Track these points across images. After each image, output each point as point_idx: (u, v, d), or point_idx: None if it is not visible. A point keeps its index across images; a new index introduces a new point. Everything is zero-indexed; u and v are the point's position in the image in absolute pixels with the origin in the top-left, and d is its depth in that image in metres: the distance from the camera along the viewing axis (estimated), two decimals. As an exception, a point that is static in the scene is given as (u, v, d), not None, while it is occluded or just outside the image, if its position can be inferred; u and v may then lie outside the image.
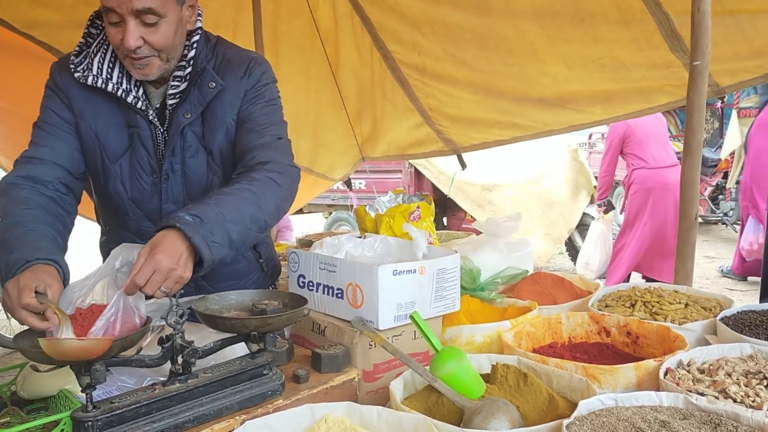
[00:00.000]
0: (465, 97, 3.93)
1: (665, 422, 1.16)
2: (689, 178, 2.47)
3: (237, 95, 1.79)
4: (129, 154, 1.76)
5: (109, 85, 1.69)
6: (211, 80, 1.75)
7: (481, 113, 4.04)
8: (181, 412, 1.24)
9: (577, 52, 3.21)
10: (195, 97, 1.74)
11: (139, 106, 1.73)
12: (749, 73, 3.03)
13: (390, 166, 8.12)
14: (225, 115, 1.78)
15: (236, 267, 1.95)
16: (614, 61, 3.17)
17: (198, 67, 1.74)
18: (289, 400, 1.37)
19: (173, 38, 1.65)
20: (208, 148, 1.79)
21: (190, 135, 1.77)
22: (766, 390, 1.31)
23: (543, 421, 1.26)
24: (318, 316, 1.73)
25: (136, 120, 1.74)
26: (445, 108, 4.18)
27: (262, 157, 1.72)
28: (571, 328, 1.84)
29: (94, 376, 1.15)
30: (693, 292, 2.06)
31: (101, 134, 1.74)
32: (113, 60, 1.71)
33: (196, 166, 1.79)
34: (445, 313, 1.75)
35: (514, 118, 3.97)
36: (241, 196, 1.57)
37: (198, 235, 1.38)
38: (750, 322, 1.70)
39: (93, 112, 1.73)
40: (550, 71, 3.41)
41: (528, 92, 3.64)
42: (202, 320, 1.39)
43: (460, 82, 3.84)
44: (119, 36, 1.58)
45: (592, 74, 3.32)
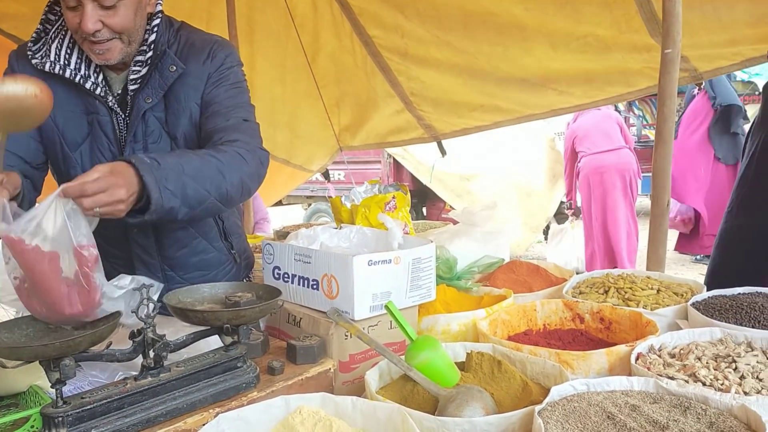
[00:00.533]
0: (448, 79, 3.92)
1: (635, 406, 1.17)
2: (661, 165, 2.50)
3: (200, 79, 1.77)
4: (89, 142, 1.73)
5: (66, 71, 1.66)
6: (171, 64, 1.73)
7: (464, 96, 4.04)
8: (154, 406, 1.23)
9: (562, 30, 3.23)
10: (156, 82, 1.73)
11: (98, 92, 1.70)
12: (726, 60, 3.08)
13: (368, 156, 8.12)
14: (188, 100, 1.77)
15: (205, 257, 1.92)
16: (597, 41, 3.19)
17: (158, 51, 1.71)
18: (264, 392, 1.37)
19: (133, 20, 1.63)
20: (172, 133, 1.77)
21: (153, 120, 1.75)
22: (735, 373, 1.33)
23: (517, 407, 1.26)
24: (293, 307, 1.72)
25: (96, 106, 1.72)
26: (427, 92, 4.17)
27: (229, 137, 1.70)
28: (545, 315, 1.86)
29: (64, 372, 1.13)
30: (665, 278, 2.09)
31: (60, 122, 1.71)
32: (71, 46, 1.69)
33: (159, 151, 1.75)
34: (420, 302, 1.76)
35: (497, 101, 3.98)
36: (206, 159, 1.57)
37: (151, 176, 1.38)
38: (720, 307, 1.73)
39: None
40: (535, 50, 3.42)
41: (512, 72, 3.65)
42: (174, 313, 1.38)
43: (444, 65, 3.83)
44: (77, 20, 1.55)
45: (575, 54, 3.34)
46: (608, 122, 6.26)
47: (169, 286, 1.76)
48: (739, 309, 1.68)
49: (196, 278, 1.88)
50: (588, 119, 6.29)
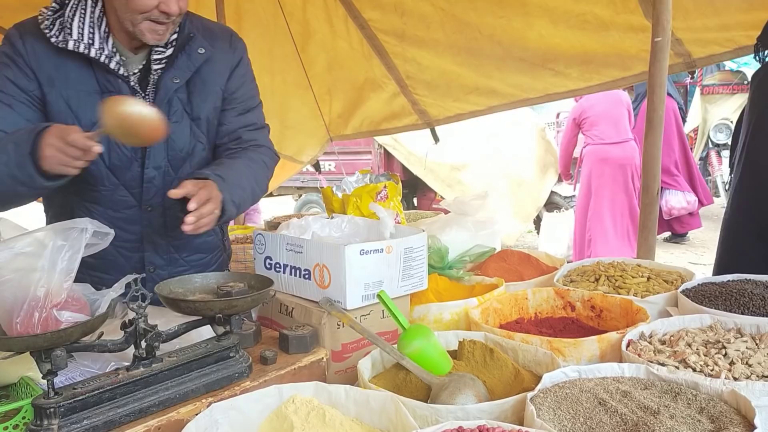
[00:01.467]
0: (446, 60, 3.90)
1: (627, 392, 1.18)
2: (651, 154, 2.51)
3: (225, 65, 1.84)
4: None
5: (91, 50, 1.64)
6: (200, 46, 1.76)
7: (460, 78, 4.02)
8: (146, 396, 1.23)
9: (562, 8, 3.22)
10: (183, 63, 1.74)
11: (121, 72, 1.69)
12: (720, 46, 3.08)
13: (359, 147, 8.10)
14: (214, 84, 1.82)
15: (207, 239, 1.96)
16: (596, 19, 3.18)
17: (185, 33, 1.74)
18: (257, 381, 1.37)
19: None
20: (194, 115, 1.80)
21: (176, 101, 1.77)
22: (725, 359, 1.34)
23: (509, 394, 1.27)
24: (285, 297, 1.72)
25: (117, 85, 1.69)
26: (423, 74, 4.14)
27: (257, 141, 1.90)
28: (537, 303, 1.86)
29: (55, 363, 1.13)
30: (655, 266, 2.10)
31: (73, 102, 1.68)
32: (92, 24, 1.66)
33: (180, 131, 1.77)
34: (413, 291, 1.76)
35: (493, 82, 3.96)
36: (248, 171, 1.77)
37: (227, 194, 1.61)
38: (710, 294, 1.74)
39: (64, 80, 1.66)
40: (536, 25, 3.41)
41: (511, 48, 3.63)
42: (166, 304, 1.37)
43: (443, 44, 3.81)
44: (155, 2, 1.57)
45: (573, 31, 3.33)
46: (619, 108, 6.19)
47: (173, 270, 1.83)
48: (729, 296, 1.70)
49: (196, 261, 1.93)
50: (601, 101, 6.16)
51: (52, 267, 1.18)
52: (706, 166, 9.15)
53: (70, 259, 1.20)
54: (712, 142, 8.85)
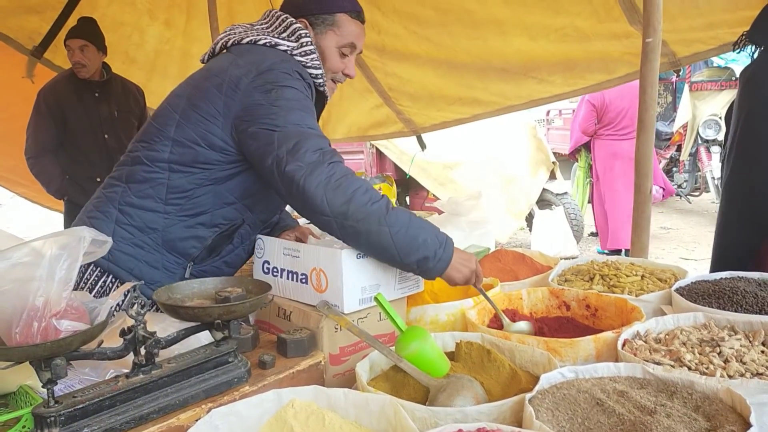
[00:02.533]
0: (427, 73, 3.92)
1: (623, 392, 1.20)
2: (643, 153, 2.53)
3: None
4: None
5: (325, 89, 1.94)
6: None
7: (443, 89, 4.04)
8: (146, 403, 1.23)
9: (540, 23, 3.23)
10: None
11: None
12: (704, 44, 3.10)
13: (352, 147, 8.08)
14: None
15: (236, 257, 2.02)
16: (576, 32, 3.20)
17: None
18: (256, 386, 1.37)
19: None
20: None
21: None
22: (719, 357, 1.36)
23: (507, 395, 1.28)
24: (283, 301, 1.72)
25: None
26: (405, 87, 4.17)
27: None
28: (532, 303, 1.88)
29: (55, 371, 1.13)
30: (649, 264, 2.12)
31: None
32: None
33: None
34: (409, 293, 1.77)
35: (476, 93, 3.98)
36: None
37: None
38: (703, 292, 1.76)
39: None
40: (514, 42, 3.43)
41: (492, 61, 3.65)
42: (164, 310, 1.37)
43: (422, 58, 3.83)
44: (343, 65, 1.92)
45: (555, 44, 3.36)
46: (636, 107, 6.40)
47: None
48: (722, 294, 1.72)
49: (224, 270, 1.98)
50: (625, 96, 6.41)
51: (51, 276, 1.18)
52: (696, 162, 9.20)
53: (69, 268, 1.19)
54: (702, 138, 8.89)
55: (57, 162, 3.99)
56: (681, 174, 9.53)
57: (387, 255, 1.60)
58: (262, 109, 1.67)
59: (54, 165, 3.98)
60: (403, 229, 1.57)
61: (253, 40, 1.80)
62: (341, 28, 1.86)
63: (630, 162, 6.30)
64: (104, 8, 3.99)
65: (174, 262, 1.83)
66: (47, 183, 4.07)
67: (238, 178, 1.79)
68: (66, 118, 3.93)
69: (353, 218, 1.55)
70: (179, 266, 1.84)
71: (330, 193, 1.55)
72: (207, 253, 1.86)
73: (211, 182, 1.77)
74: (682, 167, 9.48)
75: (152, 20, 4.06)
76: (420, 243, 1.59)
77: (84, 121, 3.97)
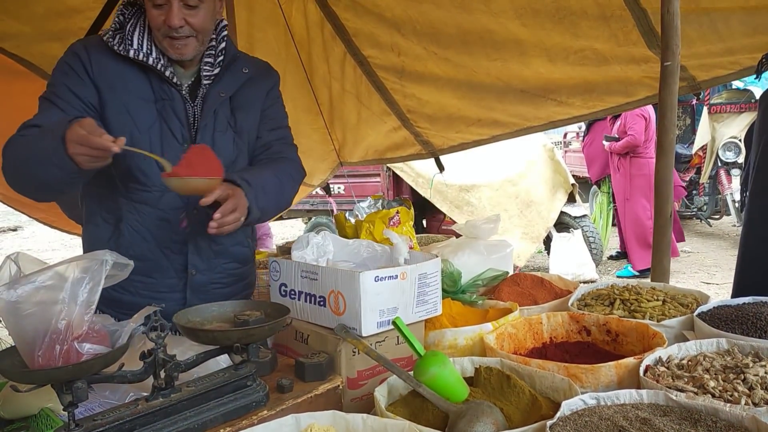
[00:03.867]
0: (446, 94, 3.93)
1: (646, 419, 1.18)
2: (663, 176, 2.52)
3: (264, 89, 2.04)
4: (158, 125, 1.86)
5: (149, 59, 1.83)
6: (244, 66, 1.97)
7: (462, 111, 4.05)
8: (165, 426, 1.23)
9: (560, 45, 3.24)
10: (229, 80, 1.94)
11: (175, 80, 1.87)
12: (724, 69, 3.09)
13: (368, 170, 8.11)
14: (256, 101, 2.01)
15: (242, 249, 2.08)
16: (595, 54, 3.21)
17: (230, 55, 1.94)
18: (274, 410, 1.37)
19: (210, 22, 1.84)
20: (237, 128, 1.97)
21: (221, 113, 1.94)
22: (744, 384, 1.34)
23: (527, 422, 1.27)
24: (301, 324, 1.72)
25: (170, 93, 1.87)
26: (424, 108, 4.18)
27: (286, 153, 2.05)
28: (552, 328, 1.86)
29: (76, 394, 1.14)
30: (670, 289, 2.10)
31: (131, 108, 1.84)
32: (150, 39, 1.84)
33: (224, 141, 1.94)
34: (427, 317, 1.76)
35: (495, 114, 3.98)
36: (275, 179, 1.90)
37: (252, 197, 1.73)
38: (726, 317, 1.74)
39: (123, 86, 1.84)
40: (533, 63, 3.44)
41: (511, 82, 3.66)
42: (184, 333, 1.38)
43: (442, 79, 3.85)
44: (162, 17, 1.75)
45: (573, 66, 3.36)
46: None
47: (212, 275, 1.97)
48: (745, 319, 1.69)
49: (233, 269, 2.04)
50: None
51: (73, 299, 1.19)
52: (716, 185, 9.12)
53: (91, 291, 1.21)
54: (721, 161, 8.82)
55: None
56: (701, 197, 9.45)
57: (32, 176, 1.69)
58: None
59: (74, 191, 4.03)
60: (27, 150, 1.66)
61: None
62: None
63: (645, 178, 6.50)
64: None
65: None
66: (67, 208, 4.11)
67: None
68: None
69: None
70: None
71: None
72: None
73: None
74: (702, 190, 9.40)
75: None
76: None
77: None
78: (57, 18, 3.39)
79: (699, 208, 9.48)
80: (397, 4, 3.47)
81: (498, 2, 3.13)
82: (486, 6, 3.17)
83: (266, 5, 3.87)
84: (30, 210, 5.67)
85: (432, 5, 3.35)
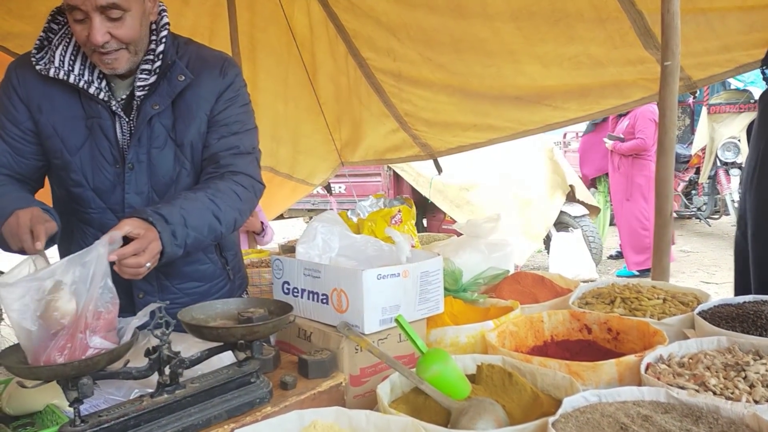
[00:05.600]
0: (441, 100, 3.96)
1: (647, 416, 1.19)
2: (663, 176, 2.53)
3: (212, 92, 1.83)
4: (89, 145, 1.77)
5: (70, 76, 1.71)
6: (180, 73, 1.78)
7: (458, 116, 4.07)
8: (170, 423, 1.24)
9: (554, 51, 3.25)
10: (164, 90, 1.77)
11: (101, 96, 1.74)
12: (720, 66, 3.10)
13: (369, 169, 8.13)
14: (199, 109, 1.82)
15: (200, 267, 1.94)
16: (590, 59, 3.22)
17: (168, 61, 1.76)
18: (278, 407, 1.38)
19: (139, 30, 1.68)
20: (179, 140, 1.81)
21: (159, 127, 1.79)
22: (745, 382, 1.34)
23: (528, 419, 1.28)
24: (304, 322, 1.73)
25: (97, 110, 1.75)
26: (421, 113, 4.20)
27: (235, 167, 1.82)
28: (553, 326, 1.87)
29: (82, 390, 1.14)
30: (670, 287, 2.10)
31: (59, 127, 1.76)
32: (75, 52, 1.73)
33: (162, 157, 1.80)
34: (429, 315, 1.77)
35: (491, 120, 4.00)
36: (204, 206, 1.69)
37: (167, 234, 1.54)
38: (727, 315, 1.74)
39: (50, 106, 1.75)
40: (527, 70, 3.45)
41: (505, 90, 3.68)
42: (188, 330, 1.39)
43: (437, 85, 3.87)
44: (85, 33, 1.60)
45: (568, 72, 3.37)
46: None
47: (164, 296, 1.82)
48: (745, 317, 1.70)
49: (190, 289, 1.92)
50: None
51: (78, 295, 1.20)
52: (715, 185, 9.14)
53: (93, 285, 1.22)
54: (720, 161, 8.84)
55: None
56: (700, 197, 9.47)
57: None
58: None
59: None
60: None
61: None
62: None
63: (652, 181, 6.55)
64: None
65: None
66: None
67: None
68: None
69: None
70: None
71: None
72: None
73: None
74: (701, 190, 9.42)
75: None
76: None
77: None
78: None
79: (698, 207, 9.50)
80: (392, 9, 3.49)
81: (494, 4, 3.14)
82: (482, 8, 3.18)
83: (267, 5, 3.88)
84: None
85: (427, 10, 3.37)
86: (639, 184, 7.16)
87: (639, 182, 7.17)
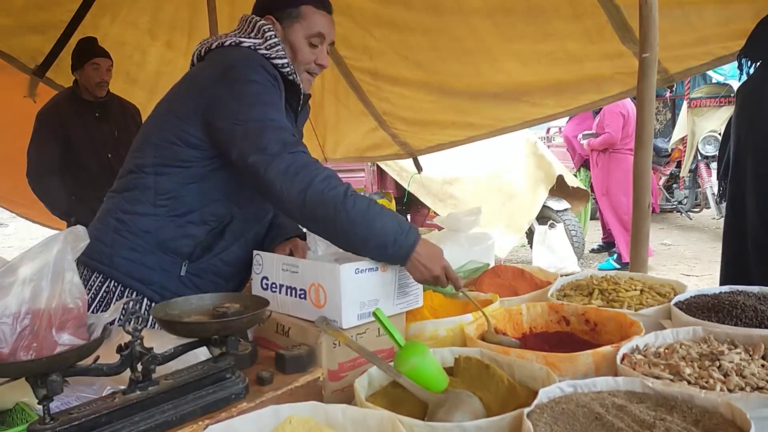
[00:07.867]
0: (420, 98, 3.95)
1: (622, 406, 1.19)
2: (641, 169, 2.54)
3: None
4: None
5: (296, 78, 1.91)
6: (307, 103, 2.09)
7: (436, 114, 4.07)
8: (143, 420, 1.22)
9: (530, 48, 3.26)
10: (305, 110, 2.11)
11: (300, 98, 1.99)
12: (696, 59, 3.12)
13: (353, 165, 8.10)
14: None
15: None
16: (567, 55, 3.23)
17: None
18: (254, 402, 1.37)
19: None
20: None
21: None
22: (719, 371, 1.35)
23: (505, 410, 1.27)
24: (282, 317, 1.72)
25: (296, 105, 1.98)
26: (399, 111, 4.20)
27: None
28: (531, 318, 1.87)
29: (51, 387, 1.12)
30: (648, 279, 2.12)
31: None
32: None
33: None
34: (408, 309, 1.77)
35: (469, 117, 4.01)
36: None
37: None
38: (702, 306, 1.76)
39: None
40: (504, 67, 3.46)
41: (483, 87, 3.69)
42: (162, 326, 1.37)
43: (415, 84, 3.87)
44: (314, 56, 1.92)
45: (546, 68, 3.39)
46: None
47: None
48: (721, 308, 1.71)
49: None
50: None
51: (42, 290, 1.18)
52: (696, 178, 9.23)
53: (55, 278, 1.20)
54: (701, 154, 8.93)
55: (62, 184, 3.98)
56: (681, 190, 9.55)
57: (347, 242, 1.66)
58: (225, 105, 1.73)
59: (59, 188, 3.96)
60: (359, 216, 1.60)
61: (220, 43, 1.88)
62: (307, 20, 1.90)
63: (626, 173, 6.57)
64: (106, 28, 4.02)
65: (170, 262, 1.86)
66: (53, 206, 4.05)
67: (219, 174, 1.83)
68: (69, 139, 3.94)
69: (310, 204, 1.60)
70: (175, 265, 1.87)
71: (288, 181, 1.60)
72: (201, 251, 1.88)
73: (194, 180, 1.82)
74: (682, 183, 9.51)
75: (153, 41, 4.10)
76: (378, 229, 1.60)
77: (87, 141, 3.98)
78: (37, 11, 3.36)
79: (679, 201, 9.59)
80: (367, 6, 3.47)
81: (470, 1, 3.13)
82: (458, 5, 3.17)
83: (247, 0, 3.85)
84: (12, 206, 5.61)
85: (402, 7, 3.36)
86: (617, 180, 7.21)
87: (617, 177, 7.22)
